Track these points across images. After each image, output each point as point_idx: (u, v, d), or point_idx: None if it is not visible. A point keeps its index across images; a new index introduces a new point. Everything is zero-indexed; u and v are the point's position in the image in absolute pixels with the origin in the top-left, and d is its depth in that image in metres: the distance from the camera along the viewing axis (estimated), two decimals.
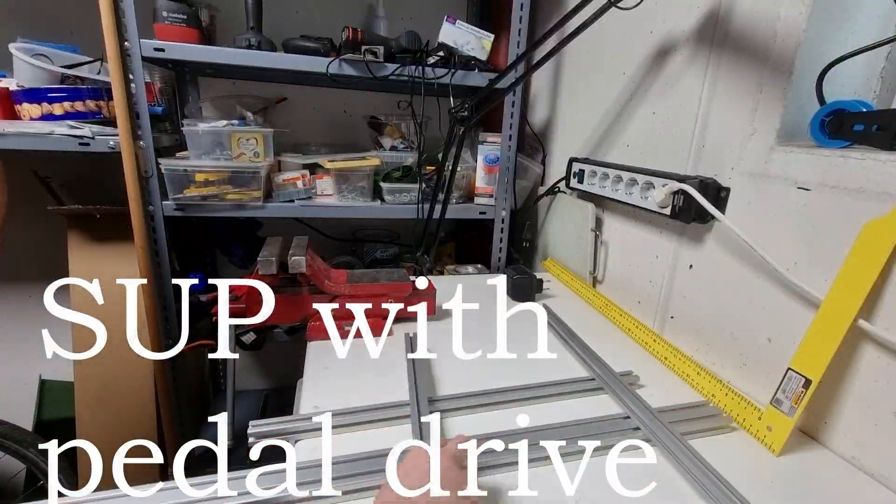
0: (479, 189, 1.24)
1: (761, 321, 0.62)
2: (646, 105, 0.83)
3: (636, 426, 0.55)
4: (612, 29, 0.92)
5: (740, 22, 0.64)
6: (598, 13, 0.67)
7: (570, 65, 1.13)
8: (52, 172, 1.22)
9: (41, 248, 1.33)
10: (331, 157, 1.16)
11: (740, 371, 0.65)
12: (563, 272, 1.09)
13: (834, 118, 0.54)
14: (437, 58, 1.12)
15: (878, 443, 0.49)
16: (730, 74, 0.65)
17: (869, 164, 0.49)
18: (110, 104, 0.99)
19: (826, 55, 0.55)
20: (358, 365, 0.69)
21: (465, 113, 0.96)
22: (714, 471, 0.48)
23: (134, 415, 1.14)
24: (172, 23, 0.97)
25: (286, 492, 0.44)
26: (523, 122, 1.30)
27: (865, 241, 0.48)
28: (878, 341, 0.48)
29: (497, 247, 1.27)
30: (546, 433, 0.54)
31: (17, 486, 1.31)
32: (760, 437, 0.55)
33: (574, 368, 0.71)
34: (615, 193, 0.87)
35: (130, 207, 0.99)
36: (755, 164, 0.62)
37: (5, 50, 0.98)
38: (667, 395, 0.63)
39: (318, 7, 1.38)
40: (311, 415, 0.56)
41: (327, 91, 1.44)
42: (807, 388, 0.51)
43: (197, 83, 1.36)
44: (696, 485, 0.47)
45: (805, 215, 0.56)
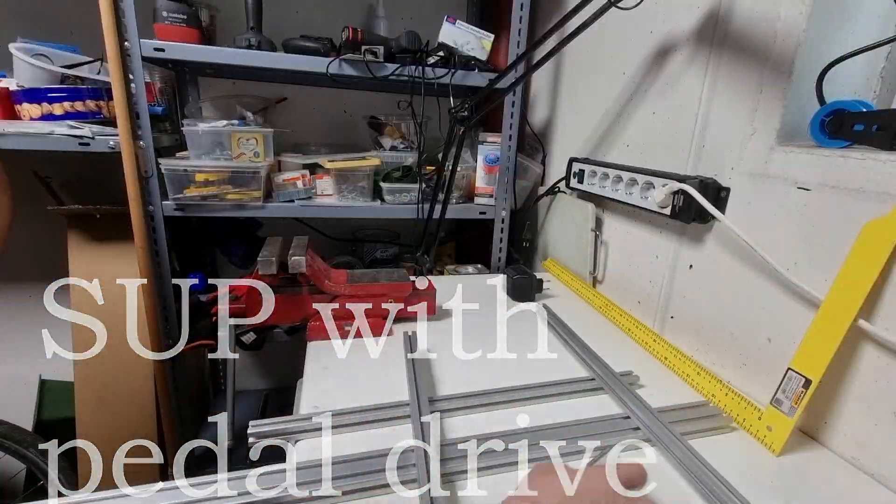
0: (479, 189, 1.24)
1: (761, 321, 0.62)
2: (646, 105, 0.83)
3: (636, 426, 0.55)
4: (612, 29, 0.92)
5: (740, 22, 0.64)
6: (598, 13, 0.67)
7: (570, 65, 1.12)
8: (52, 172, 1.22)
9: (41, 248, 1.33)
10: (331, 157, 1.16)
11: (740, 371, 0.65)
12: (563, 272, 1.09)
13: (834, 118, 0.54)
14: (437, 58, 1.12)
15: (878, 443, 0.49)
16: (730, 74, 0.65)
17: (869, 164, 0.49)
18: (110, 104, 0.99)
19: (826, 55, 0.55)
20: (358, 365, 0.69)
21: (465, 113, 0.96)
22: (714, 471, 0.48)
23: (134, 415, 1.14)
24: (172, 23, 0.98)
25: (286, 492, 0.44)
26: (523, 122, 1.30)
27: (865, 241, 0.48)
28: (878, 341, 0.48)
29: (497, 247, 1.27)
30: (546, 433, 0.53)
31: (17, 486, 1.31)
32: (760, 437, 0.55)
33: (574, 368, 0.71)
34: (615, 193, 0.87)
35: (130, 207, 0.99)
36: (755, 164, 0.62)
37: (5, 50, 0.99)
38: (667, 395, 0.63)
39: (318, 7, 1.38)
40: (311, 415, 0.56)
41: (327, 91, 1.44)
42: (807, 388, 0.51)
43: (197, 83, 1.36)
44: (696, 485, 0.47)
45: (805, 215, 0.56)
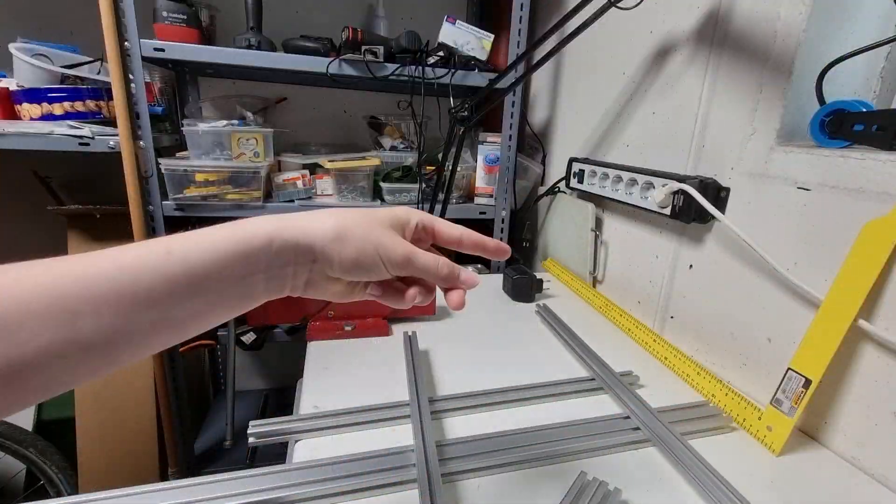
0: (479, 189, 1.24)
1: (761, 321, 0.62)
2: (646, 105, 0.83)
3: (636, 426, 0.55)
4: (612, 29, 0.92)
5: (740, 22, 0.64)
6: (598, 13, 0.67)
7: (570, 65, 1.12)
8: (52, 172, 1.21)
9: (41, 248, 1.33)
10: (331, 157, 1.16)
11: (740, 371, 0.65)
12: (563, 272, 1.09)
13: (834, 118, 0.54)
14: (437, 58, 1.12)
15: (878, 443, 0.49)
16: (730, 74, 0.65)
17: (869, 164, 0.49)
18: (110, 104, 0.99)
19: (826, 55, 0.55)
20: (358, 365, 0.69)
21: (465, 113, 0.96)
22: (714, 471, 0.48)
23: (134, 415, 1.14)
24: (172, 23, 0.98)
25: (286, 492, 0.44)
26: (523, 122, 1.30)
27: (865, 241, 0.48)
28: (878, 341, 0.48)
29: None
30: (546, 433, 0.53)
31: (17, 486, 1.31)
32: (760, 437, 0.55)
33: (574, 368, 0.71)
34: (615, 193, 0.87)
35: (130, 207, 0.99)
36: (755, 164, 0.62)
37: (5, 50, 0.98)
38: (667, 395, 0.63)
39: (318, 7, 1.38)
40: (311, 415, 0.56)
41: (327, 91, 1.44)
42: (807, 388, 0.51)
43: (197, 83, 1.36)
44: (696, 485, 0.47)
45: (805, 215, 0.56)
